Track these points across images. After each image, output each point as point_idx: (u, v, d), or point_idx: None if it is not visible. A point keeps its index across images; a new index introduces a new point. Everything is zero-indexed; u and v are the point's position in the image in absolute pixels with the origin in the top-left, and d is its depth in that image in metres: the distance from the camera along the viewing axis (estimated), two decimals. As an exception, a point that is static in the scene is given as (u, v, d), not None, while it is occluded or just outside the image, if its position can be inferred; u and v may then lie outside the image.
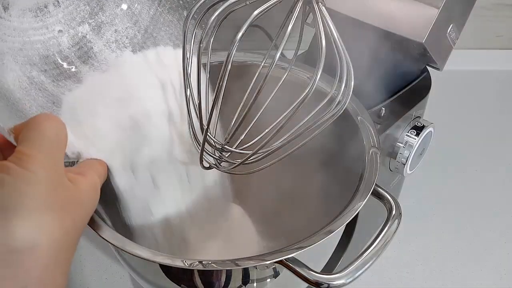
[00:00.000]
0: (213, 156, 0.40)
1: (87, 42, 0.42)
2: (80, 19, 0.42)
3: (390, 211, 0.41)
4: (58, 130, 0.29)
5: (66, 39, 0.41)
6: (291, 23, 0.34)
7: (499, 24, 0.89)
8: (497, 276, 0.59)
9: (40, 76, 0.39)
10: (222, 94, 0.37)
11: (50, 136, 0.28)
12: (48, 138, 0.28)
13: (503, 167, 0.74)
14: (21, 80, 0.38)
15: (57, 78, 0.40)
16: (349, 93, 0.36)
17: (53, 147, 0.28)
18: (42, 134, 0.28)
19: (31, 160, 0.27)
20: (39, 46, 0.40)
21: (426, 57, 0.52)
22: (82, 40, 0.42)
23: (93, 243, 0.61)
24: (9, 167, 0.26)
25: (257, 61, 0.51)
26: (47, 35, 0.40)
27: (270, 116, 0.38)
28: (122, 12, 0.44)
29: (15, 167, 0.26)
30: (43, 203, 0.27)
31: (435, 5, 0.47)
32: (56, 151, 0.29)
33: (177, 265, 0.36)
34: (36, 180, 0.27)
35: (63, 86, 0.40)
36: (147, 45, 0.44)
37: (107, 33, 0.43)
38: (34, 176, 0.27)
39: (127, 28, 0.44)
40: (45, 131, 0.28)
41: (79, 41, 0.42)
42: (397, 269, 0.60)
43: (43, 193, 0.27)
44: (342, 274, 0.36)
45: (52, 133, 0.29)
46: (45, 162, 0.27)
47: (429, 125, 0.54)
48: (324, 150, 0.51)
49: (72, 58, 0.41)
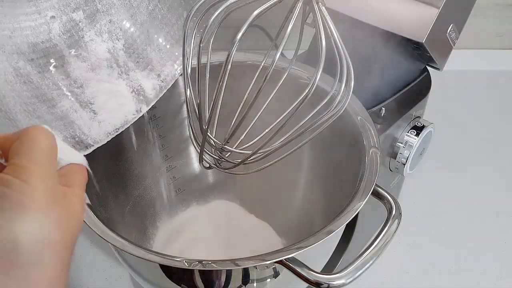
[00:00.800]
0: (213, 156, 0.40)
1: (79, 30, 0.41)
2: (75, 5, 0.41)
3: (390, 211, 0.41)
4: (50, 141, 0.29)
5: (57, 25, 0.40)
6: (291, 23, 0.34)
7: (499, 24, 0.89)
8: (497, 276, 0.59)
9: (27, 67, 0.38)
10: (222, 94, 0.37)
11: (44, 148, 0.29)
12: (42, 150, 0.28)
13: (503, 167, 0.74)
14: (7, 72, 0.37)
15: (43, 68, 0.39)
16: (349, 93, 0.36)
17: (47, 159, 0.29)
18: (37, 147, 0.28)
19: (29, 173, 0.27)
20: (29, 33, 0.38)
21: (426, 57, 0.53)
22: (74, 28, 0.41)
23: (93, 243, 0.61)
24: (8, 180, 0.26)
25: (257, 61, 0.51)
26: (38, 20, 0.39)
27: (270, 116, 0.38)
28: (119, 3, 0.42)
29: (14, 180, 0.26)
30: (45, 215, 0.27)
31: (435, 5, 0.47)
32: (50, 163, 0.29)
33: (177, 265, 0.36)
34: (36, 193, 0.27)
35: (48, 77, 0.39)
36: (141, 39, 0.43)
37: (101, 22, 0.42)
38: (35, 190, 0.27)
39: (123, 20, 0.43)
40: (39, 143, 0.29)
41: (71, 29, 0.41)
42: (397, 269, 0.60)
43: (44, 206, 0.27)
44: (342, 274, 0.36)
45: (45, 145, 0.29)
46: (43, 176, 0.28)
47: (429, 125, 0.54)
48: (324, 150, 0.51)
49: (61, 46, 0.40)
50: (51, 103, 0.40)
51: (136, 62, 0.44)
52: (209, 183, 0.60)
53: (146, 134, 0.53)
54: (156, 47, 0.45)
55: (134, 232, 0.53)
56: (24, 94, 0.38)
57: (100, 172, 0.47)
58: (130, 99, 0.43)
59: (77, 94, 0.41)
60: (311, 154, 0.54)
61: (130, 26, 0.43)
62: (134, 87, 0.44)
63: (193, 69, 0.39)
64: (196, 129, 0.40)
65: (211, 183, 0.60)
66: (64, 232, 0.28)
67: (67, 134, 0.40)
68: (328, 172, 0.52)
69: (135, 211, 0.53)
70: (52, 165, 0.29)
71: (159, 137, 0.54)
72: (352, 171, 0.44)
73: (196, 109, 0.39)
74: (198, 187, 0.59)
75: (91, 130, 0.41)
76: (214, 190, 0.60)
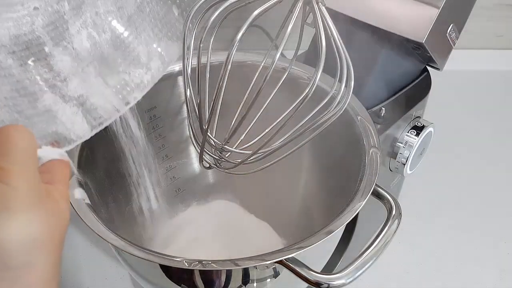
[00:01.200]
0: (213, 156, 0.40)
1: (64, 22, 0.39)
2: None
3: (390, 211, 0.41)
4: (28, 140, 0.29)
5: (41, 17, 0.38)
6: (291, 23, 0.34)
7: (499, 24, 0.89)
8: (497, 276, 0.59)
9: (7, 60, 0.37)
10: (222, 94, 0.37)
11: (23, 147, 0.28)
12: (21, 149, 0.28)
13: (503, 167, 0.74)
14: None
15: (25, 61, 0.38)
16: (349, 93, 0.36)
17: (27, 158, 0.28)
18: (16, 147, 0.27)
19: (10, 174, 0.26)
20: (11, 25, 0.37)
21: (426, 57, 0.53)
22: (59, 20, 0.39)
23: (93, 243, 0.61)
24: None
25: (257, 61, 0.51)
26: (21, 12, 0.37)
27: (270, 116, 0.38)
28: None
29: None
30: (30, 216, 0.26)
31: (435, 5, 0.47)
32: (31, 163, 0.28)
33: (177, 265, 0.36)
34: (19, 194, 0.26)
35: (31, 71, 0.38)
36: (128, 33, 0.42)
37: (87, 14, 0.40)
38: (16, 190, 0.26)
39: (109, 12, 0.41)
40: (17, 142, 0.28)
41: (55, 21, 0.39)
42: (397, 269, 0.60)
43: (28, 206, 0.26)
44: (342, 274, 0.36)
45: (24, 144, 0.28)
46: (24, 176, 0.27)
47: (429, 125, 0.54)
48: (324, 150, 0.51)
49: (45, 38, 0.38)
50: (32, 97, 0.38)
51: (122, 56, 0.43)
52: (209, 183, 0.60)
53: (146, 134, 0.53)
54: (144, 40, 0.44)
55: (134, 232, 0.53)
56: (4, 88, 0.36)
57: (100, 172, 0.47)
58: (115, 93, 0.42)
59: (60, 88, 0.39)
60: (311, 154, 0.54)
61: (117, 19, 0.42)
62: (120, 81, 0.43)
63: (193, 69, 0.39)
64: (196, 129, 0.40)
65: (211, 183, 0.60)
66: (52, 230, 0.27)
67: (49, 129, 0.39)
68: (328, 172, 0.52)
69: (135, 211, 0.53)
70: (32, 164, 0.28)
71: (159, 137, 0.54)
72: (352, 171, 0.44)
73: (196, 109, 0.39)
74: (198, 187, 0.59)
75: (74, 125, 0.40)
76: (214, 190, 0.60)
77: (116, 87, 0.42)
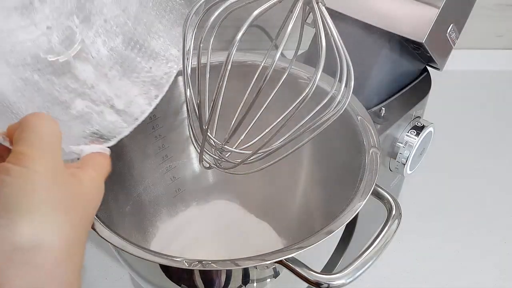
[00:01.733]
0: (213, 156, 0.40)
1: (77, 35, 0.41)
2: (68, 12, 0.41)
3: (390, 211, 0.41)
4: (51, 127, 0.29)
5: (55, 34, 0.40)
6: (291, 23, 0.34)
7: (499, 24, 0.89)
8: (497, 276, 0.59)
9: (34, 76, 0.38)
10: (222, 94, 0.37)
11: (45, 133, 0.29)
12: (43, 135, 0.28)
13: (503, 167, 0.74)
14: (15, 83, 0.37)
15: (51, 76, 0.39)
16: (349, 93, 0.36)
17: (49, 144, 0.29)
18: (36, 132, 0.28)
19: (29, 158, 0.27)
20: (30, 45, 0.39)
21: (426, 57, 0.53)
22: (72, 34, 0.41)
23: (93, 243, 0.61)
24: (8, 168, 0.26)
25: (257, 61, 0.51)
26: (35, 33, 0.39)
27: (270, 116, 0.38)
28: (110, 0, 0.42)
29: (14, 167, 0.26)
30: (46, 199, 0.27)
31: (435, 5, 0.47)
32: (52, 148, 0.29)
33: (177, 265, 0.36)
34: (36, 177, 0.27)
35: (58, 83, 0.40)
36: (138, 31, 0.43)
37: (96, 23, 0.42)
38: (34, 173, 0.27)
39: (117, 16, 0.42)
40: (39, 129, 0.29)
41: (70, 35, 0.41)
42: (397, 269, 0.60)
43: (45, 190, 0.27)
44: (342, 274, 0.36)
45: (46, 131, 0.29)
46: (43, 159, 0.27)
47: (429, 125, 0.54)
48: (324, 150, 0.51)
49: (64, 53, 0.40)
50: (64, 105, 0.40)
51: (140, 53, 0.44)
52: (209, 183, 0.60)
53: (146, 135, 0.53)
54: (155, 34, 0.45)
55: (134, 232, 0.53)
56: (36, 99, 0.38)
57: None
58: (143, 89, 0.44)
59: (90, 94, 0.41)
60: (311, 154, 0.54)
61: (125, 20, 0.43)
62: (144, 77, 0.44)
63: (193, 69, 0.39)
64: (196, 129, 0.40)
65: (211, 183, 0.60)
66: (70, 211, 0.28)
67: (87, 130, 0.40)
68: (328, 172, 0.52)
69: (135, 211, 0.53)
70: (54, 149, 0.29)
71: (159, 137, 0.54)
72: (352, 171, 0.44)
73: (196, 109, 0.39)
74: (198, 187, 0.59)
75: (110, 124, 0.41)
76: (214, 190, 0.60)
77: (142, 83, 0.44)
